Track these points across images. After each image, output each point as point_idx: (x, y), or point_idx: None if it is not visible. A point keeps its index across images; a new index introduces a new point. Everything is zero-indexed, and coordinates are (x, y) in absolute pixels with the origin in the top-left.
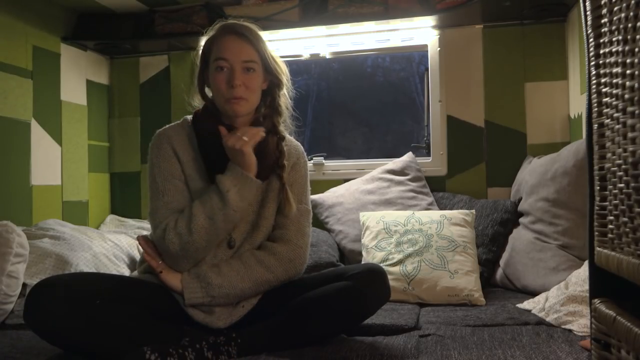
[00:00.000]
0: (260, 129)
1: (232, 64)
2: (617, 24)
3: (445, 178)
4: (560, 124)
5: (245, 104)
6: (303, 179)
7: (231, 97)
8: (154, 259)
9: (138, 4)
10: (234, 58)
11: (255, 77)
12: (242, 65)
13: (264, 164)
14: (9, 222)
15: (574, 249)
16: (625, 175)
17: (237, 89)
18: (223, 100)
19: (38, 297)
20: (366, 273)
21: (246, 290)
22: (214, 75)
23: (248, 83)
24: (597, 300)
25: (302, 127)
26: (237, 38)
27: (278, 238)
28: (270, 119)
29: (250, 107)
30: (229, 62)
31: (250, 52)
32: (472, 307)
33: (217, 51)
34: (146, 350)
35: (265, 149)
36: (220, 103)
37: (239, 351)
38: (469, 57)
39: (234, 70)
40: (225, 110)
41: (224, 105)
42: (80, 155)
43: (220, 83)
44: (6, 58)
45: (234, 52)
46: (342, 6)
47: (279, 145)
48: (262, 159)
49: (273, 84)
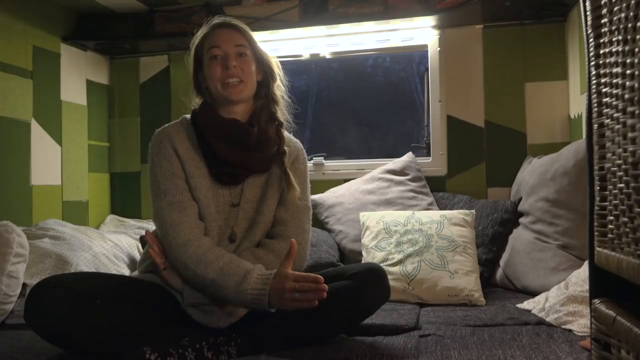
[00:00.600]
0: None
1: (225, 50)
2: (617, 24)
3: (445, 178)
4: (560, 124)
5: (243, 87)
6: (303, 175)
7: (228, 81)
8: (158, 256)
9: (138, 4)
10: (227, 44)
11: (249, 61)
12: (235, 50)
13: (265, 153)
14: (9, 222)
15: (574, 249)
16: (625, 175)
17: (233, 69)
18: (220, 86)
19: (38, 297)
20: (366, 272)
21: None
22: (209, 65)
23: (242, 66)
24: (597, 300)
25: (301, 125)
26: (226, 29)
27: (277, 235)
28: (267, 108)
29: (247, 92)
30: (221, 48)
31: (241, 39)
32: (472, 307)
33: (209, 43)
34: (146, 350)
35: (266, 137)
36: (218, 90)
37: (238, 351)
38: (469, 57)
39: (228, 55)
40: (223, 97)
41: (222, 92)
42: (80, 155)
43: (215, 69)
44: (6, 58)
45: (226, 39)
46: (342, 6)
47: (278, 132)
48: (264, 147)
49: (267, 75)
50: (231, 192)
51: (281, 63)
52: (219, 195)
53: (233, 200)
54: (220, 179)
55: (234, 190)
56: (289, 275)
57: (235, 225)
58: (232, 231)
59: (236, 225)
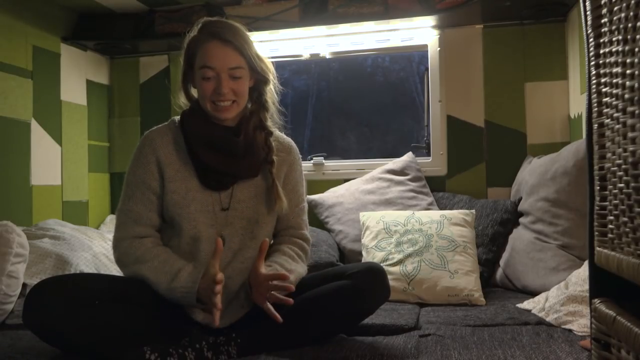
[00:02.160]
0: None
1: (219, 72)
2: (617, 24)
3: (445, 178)
4: (560, 124)
5: (234, 107)
6: (301, 177)
7: (219, 105)
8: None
9: (138, 4)
10: (220, 66)
11: (243, 82)
12: (229, 73)
13: (253, 160)
14: (9, 222)
15: (574, 249)
16: (625, 175)
17: (225, 95)
18: (210, 106)
19: (36, 299)
20: (366, 272)
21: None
22: (200, 83)
23: (236, 89)
24: (597, 300)
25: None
26: (221, 44)
27: (287, 237)
28: (257, 114)
29: (238, 110)
30: (215, 70)
31: (236, 59)
32: (472, 307)
33: (201, 58)
34: (146, 350)
35: (254, 144)
36: (208, 109)
37: (238, 351)
38: (469, 57)
39: (220, 79)
40: (212, 115)
41: (212, 112)
42: (80, 155)
43: (207, 91)
44: (6, 58)
45: (220, 60)
46: (342, 6)
47: (267, 141)
48: (252, 155)
49: (259, 81)
50: (221, 196)
51: (281, 63)
52: (206, 196)
53: (223, 204)
54: (208, 184)
55: (223, 194)
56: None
57: (225, 227)
58: (220, 235)
59: (226, 228)
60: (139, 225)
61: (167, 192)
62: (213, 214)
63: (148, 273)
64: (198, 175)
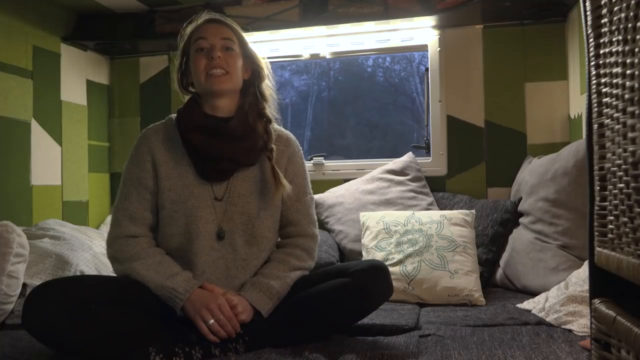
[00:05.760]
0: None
1: (212, 42)
2: (617, 24)
3: (445, 178)
4: (560, 124)
5: (227, 79)
6: (302, 168)
7: (212, 72)
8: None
9: (138, 4)
10: (213, 36)
11: (235, 56)
12: (222, 43)
13: (251, 145)
14: (9, 222)
15: (574, 249)
16: (625, 175)
17: (218, 60)
18: (204, 77)
19: (35, 302)
20: (369, 269)
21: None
22: (194, 57)
23: (228, 59)
24: (597, 300)
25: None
26: (215, 23)
27: (294, 234)
28: (255, 106)
29: (231, 85)
30: (208, 40)
31: (228, 33)
32: (472, 307)
33: (196, 35)
34: (151, 351)
35: (254, 131)
36: (201, 81)
37: (246, 349)
38: (469, 57)
39: (214, 47)
40: (206, 89)
41: (205, 83)
42: (80, 155)
43: (200, 61)
44: (6, 58)
45: (213, 32)
46: (342, 6)
47: (267, 129)
48: (251, 140)
49: (255, 74)
50: (215, 187)
51: (281, 63)
52: (204, 191)
53: (216, 194)
54: (208, 176)
55: (220, 185)
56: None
57: (224, 221)
58: (219, 228)
59: (225, 222)
60: (134, 224)
61: (163, 189)
62: (212, 208)
63: (141, 269)
64: (195, 168)
